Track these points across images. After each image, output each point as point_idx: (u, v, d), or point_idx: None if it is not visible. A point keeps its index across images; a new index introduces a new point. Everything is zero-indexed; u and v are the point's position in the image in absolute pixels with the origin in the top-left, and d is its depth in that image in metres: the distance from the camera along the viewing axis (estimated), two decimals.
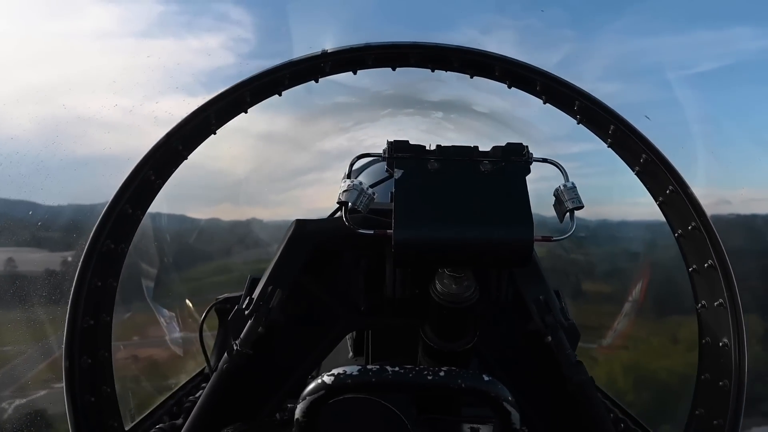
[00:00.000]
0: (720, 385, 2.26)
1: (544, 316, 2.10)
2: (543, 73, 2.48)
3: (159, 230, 5.74)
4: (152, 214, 5.17)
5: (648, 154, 2.38)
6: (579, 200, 1.82)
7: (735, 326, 2.25)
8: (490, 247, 1.68)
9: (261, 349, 2.12)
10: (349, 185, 1.80)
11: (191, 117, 2.45)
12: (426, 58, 2.63)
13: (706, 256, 2.32)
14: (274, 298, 2.09)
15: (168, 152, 2.46)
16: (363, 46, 2.55)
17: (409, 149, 1.83)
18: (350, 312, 2.27)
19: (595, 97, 2.45)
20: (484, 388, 1.50)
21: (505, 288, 2.17)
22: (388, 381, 1.50)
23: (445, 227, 1.67)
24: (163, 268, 5.75)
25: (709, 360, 2.35)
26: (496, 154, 1.84)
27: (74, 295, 2.29)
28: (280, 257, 2.13)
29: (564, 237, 1.83)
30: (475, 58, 2.57)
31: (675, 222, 2.46)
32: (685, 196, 2.34)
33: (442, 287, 1.78)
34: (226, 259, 9.48)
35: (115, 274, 2.47)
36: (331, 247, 2.19)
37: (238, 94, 2.51)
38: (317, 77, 2.64)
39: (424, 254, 1.70)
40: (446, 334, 1.96)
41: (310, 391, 1.49)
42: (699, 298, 2.41)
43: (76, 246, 2.90)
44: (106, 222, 2.35)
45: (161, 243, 5.79)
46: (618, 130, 2.44)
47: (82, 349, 2.31)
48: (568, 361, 2.09)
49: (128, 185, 2.38)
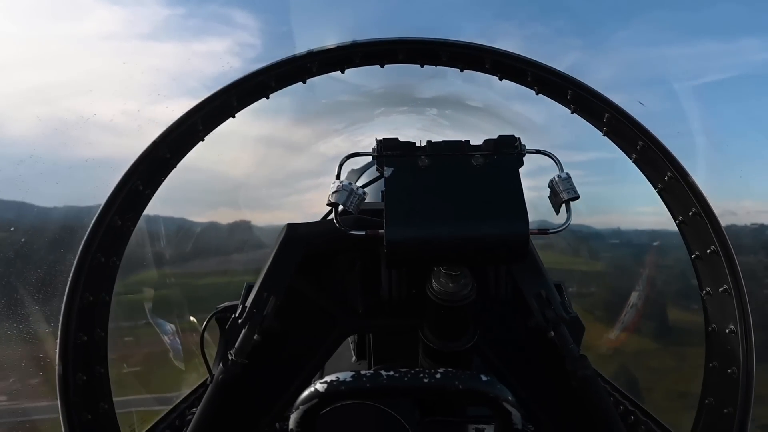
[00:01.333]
0: (728, 373, 2.22)
1: (545, 311, 2.05)
2: (534, 63, 2.44)
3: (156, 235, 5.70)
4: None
5: (644, 141, 2.34)
6: (575, 191, 1.78)
7: (741, 312, 2.21)
8: (485, 243, 1.63)
9: (258, 357, 2.07)
10: (338, 186, 1.76)
11: (177, 124, 2.41)
12: (414, 53, 2.59)
13: (709, 242, 2.28)
14: (269, 304, 2.04)
15: (155, 161, 2.41)
16: (349, 44, 2.51)
17: (398, 147, 1.79)
18: (348, 315, 2.22)
19: (588, 85, 2.40)
20: (482, 389, 1.45)
21: (504, 284, 2.13)
22: (383, 386, 1.46)
23: (438, 225, 1.63)
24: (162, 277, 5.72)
25: (716, 347, 2.31)
26: (488, 148, 1.79)
27: (65, 311, 2.25)
28: (272, 262, 2.09)
29: (560, 229, 1.78)
30: (464, 51, 2.52)
31: (675, 209, 2.41)
32: (684, 182, 2.29)
33: (438, 286, 1.74)
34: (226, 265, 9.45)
35: (108, 288, 2.42)
36: (324, 249, 2.14)
37: (223, 99, 2.46)
38: (305, 78, 2.60)
39: (417, 253, 1.65)
40: (445, 333, 1.92)
41: (303, 399, 1.45)
42: (703, 285, 2.37)
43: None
44: (95, 235, 2.31)
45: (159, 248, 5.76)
46: (613, 118, 2.39)
47: (76, 365, 2.27)
48: (572, 356, 2.04)
49: (116, 196, 2.34)
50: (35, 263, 3.63)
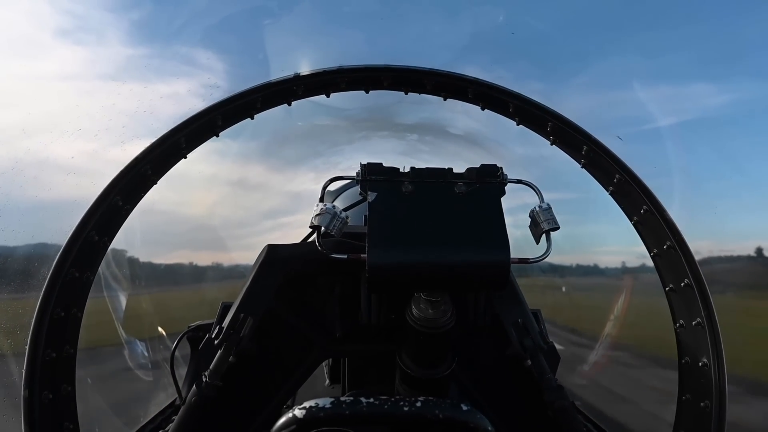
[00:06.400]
0: (701, 406, 2.24)
1: (523, 339, 2.06)
2: (515, 95, 2.49)
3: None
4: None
5: (621, 174, 2.39)
6: (555, 221, 1.81)
7: (713, 345, 2.24)
8: (466, 270, 1.64)
9: (232, 379, 2.03)
10: (322, 209, 1.75)
11: (161, 141, 2.39)
12: (399, 80, 2.63)
13: (682, 275, 2.32)
14: (246, 326, 2.01)
15: (136, 177, 2.38)
16: (336, 69, 2.54)
17: (382, 172, 1.80)
18: (325, 339, 2.20)
19: (567, 118, 2.46)
20: (462, 418, 1.45)
21: (483, 312, 2.13)
22: (362, 413, 1.44)
23: (419, 251, 1.63)
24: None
25: (689, 380, 2.33)
26: (471, 176, 1.81)
27: (35, 326, 2.18)
28: (251, 284, 2.06)
29: (541, 258, 1.80)
30: (448, 80, 2.57)
31: (650, 241, 2.46)
32: (660, 215, 2.34)
33: (418, 312, 1.73)
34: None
35: (80, 304, 2.36)
36: (304, 272, 2.13)
37: (209, 118, 2.46)
38: (290, 100, 2.61)
39: (398, 279, 1.65)
40: (424, 360, 1.91)
41: (281, 426, 1.43)
42: (677, 317, 2.40)
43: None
44: (71, 249, 2.26)
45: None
46: (591, 151, 2.45)
47: (42, 383, 2.19)
48: (549, 386, 2.05)
49: (94, 211, 2.29)
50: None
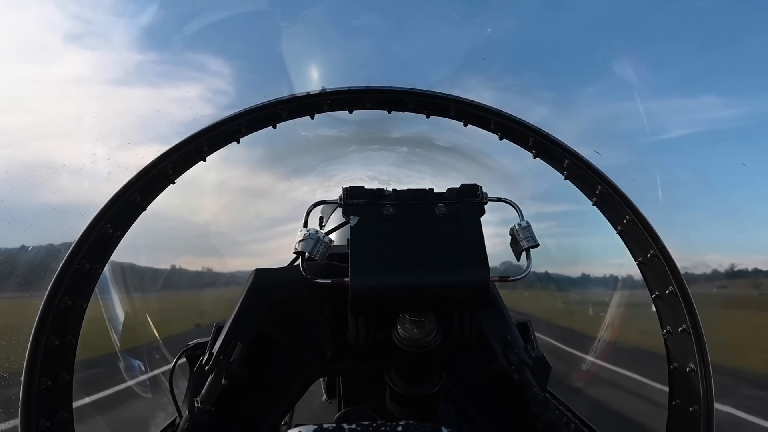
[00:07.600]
0: (690, 411, 2.27)
1: (509, 355, 2.09)
2: (495, 111, 2.54)
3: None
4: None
5: (603, 185, 2.44)
6: (534, 239, 1.84)
7: (699, 351, 2.28)
8: (447, 290, 1.68)
9: (225, 403, 2.06)
10: (305, 234, 1.78)
11: (148, 168, 2.42)
12: (382, 101, 2.68)
13: (667, 283, 2.36)
14: (236, 351, 2.04)
15: (125, 204, 2.41)
16: (319, 92, 2.58)
17: (364, 195, 1.84)
18: (317, 359, 2.23)
19: (547, 132, 2.50)
20: None
21: (469, 328, 2.17)
22: None
23: (401, 273, 1.67)
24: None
25: (678, 386, 2.37)
26: (451, 196, 1.85)
27: (30, 355, 2.20)
28: (240, 309, 2.10)
29: (520, 277, 1.84)
30: (429, 99, 2.62)
31: (635, 250, 2.50)
32: (642, 225, 2.39)
33: (404, 332, 1.76)
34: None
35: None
36: (291, 296, 2.16)
37: (196, 143, 2.49)
38: (275, 123, 2.65)
39: (381, 301, 1.68)
40: (411, 378, 1.94)
41: None
42: (664, 324, 2.44)
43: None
44: (63, 278, 2.28)
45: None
46: (572, 164, 2.49)
47: (39, 411, 2.22)
48: (536, 399, 2.08)
49: (85, 240, 2.32)
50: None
